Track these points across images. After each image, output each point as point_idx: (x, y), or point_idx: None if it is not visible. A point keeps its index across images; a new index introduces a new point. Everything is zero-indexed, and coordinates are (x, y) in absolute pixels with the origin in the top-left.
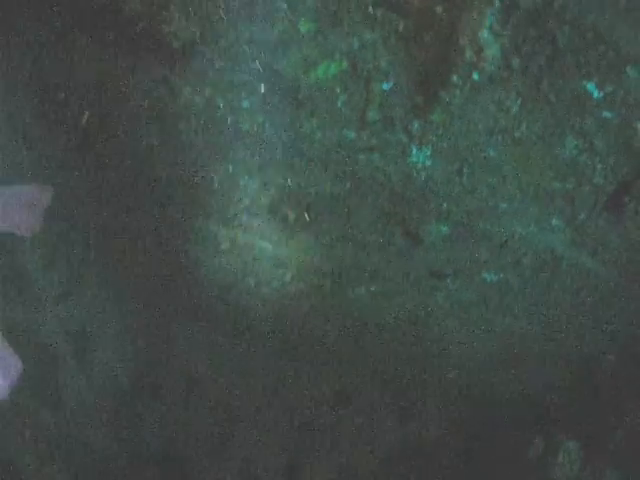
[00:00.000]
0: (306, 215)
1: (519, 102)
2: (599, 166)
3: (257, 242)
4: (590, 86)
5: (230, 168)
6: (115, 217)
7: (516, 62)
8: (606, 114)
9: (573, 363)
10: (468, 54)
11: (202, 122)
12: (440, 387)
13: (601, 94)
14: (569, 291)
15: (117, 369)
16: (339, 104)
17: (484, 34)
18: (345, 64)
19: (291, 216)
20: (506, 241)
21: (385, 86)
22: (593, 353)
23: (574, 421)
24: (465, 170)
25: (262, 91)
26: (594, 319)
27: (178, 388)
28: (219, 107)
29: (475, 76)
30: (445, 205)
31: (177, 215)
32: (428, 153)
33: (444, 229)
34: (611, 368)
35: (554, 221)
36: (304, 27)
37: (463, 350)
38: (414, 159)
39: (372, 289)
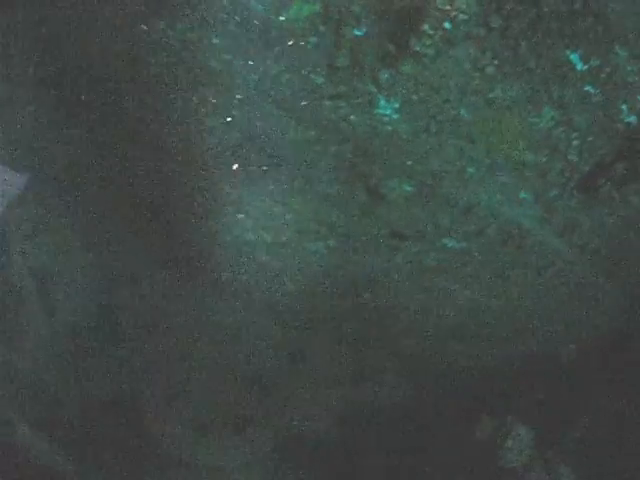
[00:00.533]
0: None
1: (496, 63)
2: (575, 142)
3: (220, 186)
4: (574, 57)
5: (197, 106)
6: (84, 156)
7: (495, 20)
8: (589, 88)
9: (532, 347)
10: (439, 1)
11: (173, 58)
12: (396, 353)
13: (585, 67)
14: (533, 270)
15: (78, 310)
16: (309, 47)
17: None
18: (318, 6)
19: (254, 160)
20: (470, 208)
21: (357, 32)
22: (554, 340)
23: (528, 407)
24: (433, 128)
25: (232, 28)
26: (557, 303)
27: (138, 332)
28: (190, 43)
29: (447, 25)
30: (410, 163)
31: (145, 155)
32: (396, 106)
33: (407, 188)
34: (572, 358)
35: (523, 194)
36: None
37: (420, 317)
38: (381, 111)
39: (330, 244)
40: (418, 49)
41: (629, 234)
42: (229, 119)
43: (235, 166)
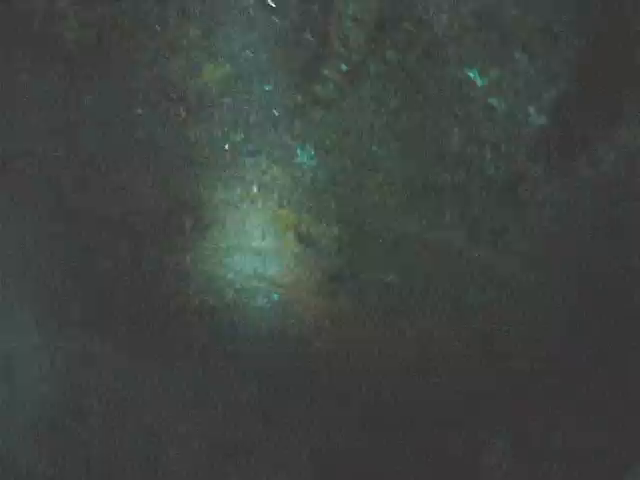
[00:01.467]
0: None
1: (398, 95)
2: (489, 156)
3: (156, 252)
4: (473, 74)
5: (126, 177)
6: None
7: (390, 54)
8: (492, 101)
9: (492, 367)
10: (336, 45)
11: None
12: (358, 397)
13: (485, 81)
14: (474, 289)
15: (42, 393)
16: (224, 108)
17: (347, 23)
18: (228, 67)
19: (187, 225)
20: (398, 240)
21: (267, 87)
22: (514, 355)
23: (500, 421)
24: (349, 167)
25: (152, 99)
26: (507, 317)
27: (103, 413)
28: (117, 115)
29: (343, 67)
30: (333, 205)
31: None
32: (312, 153)
33: (335, 230)
34: (535, 372)
35: (447, 216)
36: (192, 32)
37: (374, 359)
38: (299, 159)
39: (274, 298)
40: (322, 95)
41: (558, 233)
42: (159, 187)
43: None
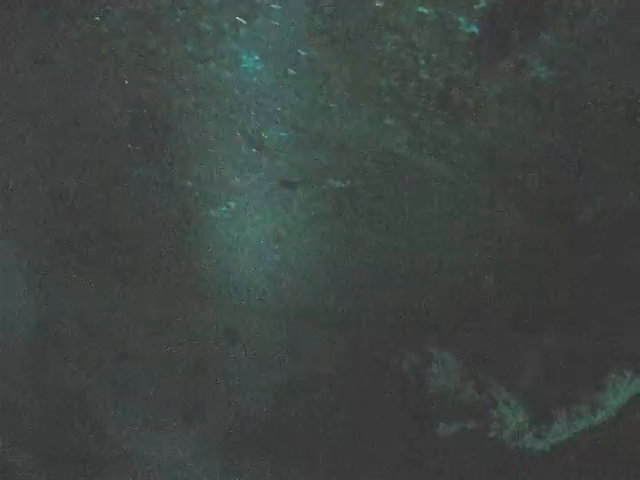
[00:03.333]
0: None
1: (331, 4)
2: (422, 62)
3: (119, 162)
4: None
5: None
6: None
7: None
8: (422, 9)
9: (450, 282)
10: None
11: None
12: (322, 315)
13: None
14: (420, 198)
15: (19, 321)
16: (177, 20)
17: None
18: None
19: (147, 132)
20: (344, 144)
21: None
22: (467, 271)
23: (450, 336)
24: (291, 72)
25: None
26: (458, 231)
27: (78, 337)
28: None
29: None
30: (279, 108)
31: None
32: (257, 58)
33: (283, 134)
34: (490, 285)
35: (387, 121)
36: None
37: (329, 269)
38: (245, 65)
39: (231, 206)
40: (263, 3)
41: (500, 142)
42: (123, 98)
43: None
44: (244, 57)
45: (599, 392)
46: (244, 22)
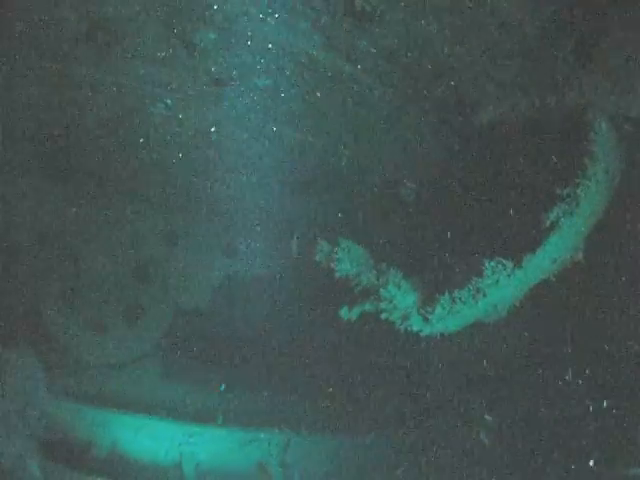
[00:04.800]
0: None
1: None
2: None
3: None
4: None
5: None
6: None
7: None
8: None
9: (373, 188)
10: None
11: None
12: (252, 214)
13: None
14: (336, 100)
15: None
16: None
17: None
18: None
19: (101, 40)
20: (265, 46)
21: None
22: (394, 178)
23: (365, 231)
24: None
25: None
26: (376, 135)
27: (31, 246)
28: None
29: None
30: (207, 13)
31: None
32: None
33: (212, 35)
34: (412, 197)
35: (301, 24)
36: None
37: (256, 165)
38: None
39: (168, 102)
40: None
41: (408, 51)
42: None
43: None
44: None
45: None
46: None
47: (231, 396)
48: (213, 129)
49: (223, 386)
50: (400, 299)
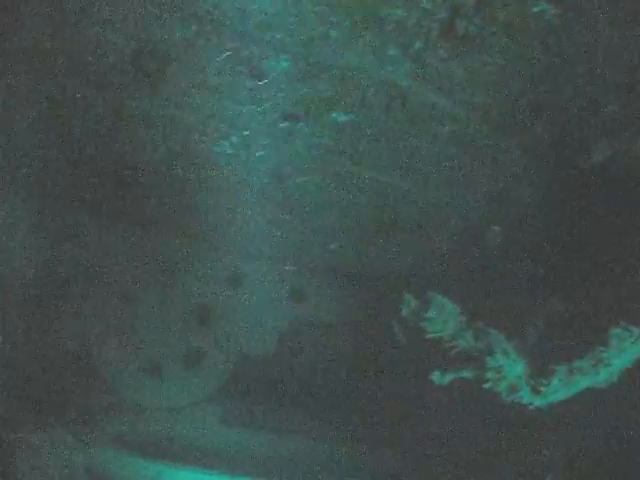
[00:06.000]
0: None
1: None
2: None
3: (125, 101)
4: None
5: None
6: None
7: None
8: None
9: (452, 231)
10: None
11: None
12: (323, 260)
13: None
14: (425, 134)
15: (25, 267)
16: None
17: None
18: None
19: (151, 68)
20: (345, 74)
21: None
22: (475, 221)
23: (454, 286)
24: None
25: None
26: (465, 172)
27: (83, 282)
28: None
29: None
30: (279, 36)
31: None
32: None
33: (284, 63)
34: (497, 241)
35: (391, 51)
36: None
37: (332, 208)
38: None
39: (233, 139)
40: None
41: (509, 81)
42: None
43: None
44: None
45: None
46: None
47: (293, 447)
48: (283, 171)
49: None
50: (509, 369)
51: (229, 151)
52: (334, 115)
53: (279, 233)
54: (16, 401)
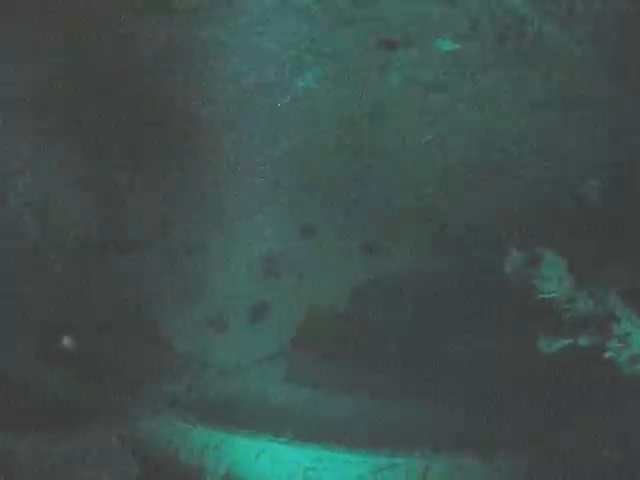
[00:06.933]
0: None
1: None
2: None
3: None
4: None
5: None
6: None
7: None
8: None
9: (553, 182)
10: None
11: None
12: (407, 209)
13: None
14: (538, 73)
15: (72, 231)
16: None
17: None
18: None
19: None
20: None
21: None
22: (574, 174)
23: (560, 239)
24: None
25: None
26: (568, 117)
27: (143, 240)
28: None
29: None
30: None
31: None
32: None
33: None
34: (595, 195)
35: None
36: None
37: (431, 156)
38: None
39: (325, 68)
40: None
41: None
42: None
43: None
44: None
45: None
46: None
47: (362, 409)
48: (377, 106)
49: (353, 396)
50: (635, 337)
51: (313, 85)
52: (439, 42)
53: (355, 180)
54: (74, 363)
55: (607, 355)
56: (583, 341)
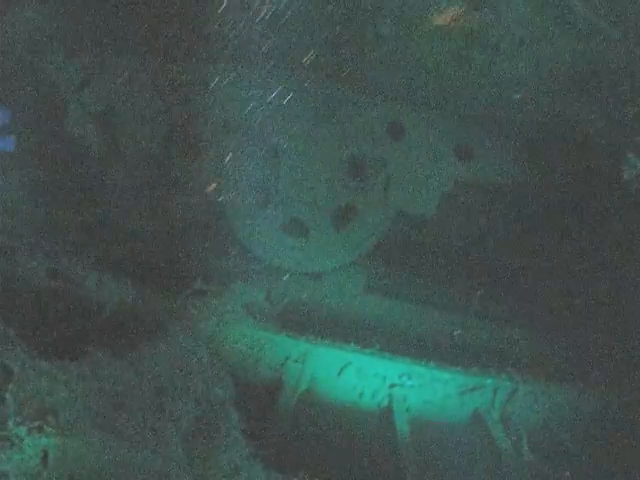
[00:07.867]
0: None
1: None
2: None
3: None
4: None
5: None
6: None
7: None
8: None
9: None
10: None
11: None
12: (500, 114)
13: None
14: None
15: (144, 138)
16: None
17: None
18: None
19: None
20: None
21: None
22: None
23: None
24: None
25: None
26: None
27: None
28: None
29: None
30: None
31: None
32: None
33: None
34: None
35: None
36: None
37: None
38: None
39: None
40: None
41: None
42: None
43: None
44: None
45: None
46: None
47: (447, 326)
48: None
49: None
50: None
51: None
52: None
53: (444, 80)
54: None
55: None
56: None
